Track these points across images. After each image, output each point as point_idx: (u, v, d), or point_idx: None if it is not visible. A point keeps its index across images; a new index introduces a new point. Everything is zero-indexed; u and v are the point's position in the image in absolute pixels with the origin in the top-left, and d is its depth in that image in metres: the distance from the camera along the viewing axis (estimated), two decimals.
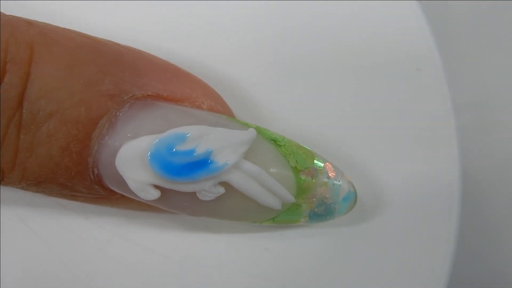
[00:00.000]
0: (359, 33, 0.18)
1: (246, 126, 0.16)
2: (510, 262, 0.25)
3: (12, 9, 0.18)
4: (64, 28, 0.15)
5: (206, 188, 0.15)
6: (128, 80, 0.15)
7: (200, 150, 0.14)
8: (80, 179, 0.15)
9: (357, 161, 0.17)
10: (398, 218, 0.17)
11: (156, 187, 0.15)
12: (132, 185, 0.15)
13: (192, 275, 0.17)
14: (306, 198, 0.16)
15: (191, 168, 0.14)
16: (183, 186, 0.15)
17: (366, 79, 0.18)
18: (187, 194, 0.15)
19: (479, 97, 0.26)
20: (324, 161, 0.16)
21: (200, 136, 0.14)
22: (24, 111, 0.14)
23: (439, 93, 0.18)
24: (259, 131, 0.16)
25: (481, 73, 0.26)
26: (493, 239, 0.26)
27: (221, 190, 0.15)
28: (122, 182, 0.15)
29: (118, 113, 0.15)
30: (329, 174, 0.16)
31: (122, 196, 0.15)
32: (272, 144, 0.16)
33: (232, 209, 0.16)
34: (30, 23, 0.15)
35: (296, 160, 0.16)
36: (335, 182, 0.16)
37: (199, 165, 0.14)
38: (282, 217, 0.16)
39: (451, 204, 0.17)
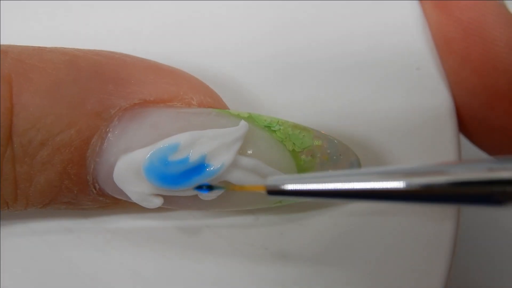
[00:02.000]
0: (359, 33, 0.18)
1: (237, 117, 0.15)
2: (510, 262, 0.25)
3: (12, 9, 0.18)
4: (40, 47, 0.15)
5: (206, 191, 0.15)
6: (112, 92, 0.15)
7: (194, 156, 0.14)
8: (83, 195, 0.15)
9: None
10: (398, 218, 0.17)
11: (158, 194, 0.15)
12: (133, 196, 0.15)
13: (192, 275, 0.17)
14: None
15: (187, 175, 0.14)
16: (183, 192, 0.15)
17: (366, 79, 0.18)
18: (190, 196, 0.15)
19: None
20: (321, 136, 0.16)
21: (192, 142, 0.14)
22: (15, 145, 0.14)
23: (439, 93, 0.18)
24: (252, 119, 0.15)
25: None
26: (493, 239, 0.26)
27: (221, 190, 0.15)
28: (124, 192, 0.15)
29: (108, 129, 0.15)
30: (327, 151, 0.16)
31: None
32: (266, 131, 0.16)
33: (236, 201, 0.16)
34: (4, 52, 0.14)
35: (293, 142, 0.16)
36: (336, 156, 0.16)
37: (195, 171, 0.14)
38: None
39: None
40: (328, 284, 0.17)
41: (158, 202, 0.15)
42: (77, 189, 0.15)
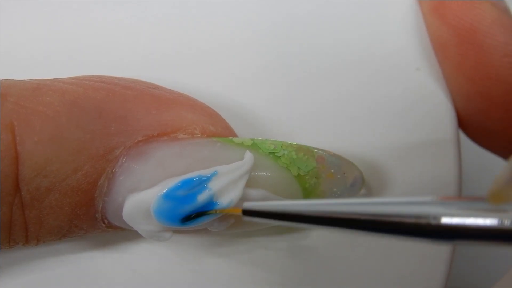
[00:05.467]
0: (359, 33, 0.18)
1: (242, 147, 0.15)
2: (509, 262, 0.25)
3: (12, 9, 0.18)
4: (39, 84, 0.15)
5: (215, 225, 0.15)
6: (116, 132, 0.15)
7: (202, 197, 0.14)
8: (93, 229, 0.15)
9: (357, 162, 0.17)
10: None
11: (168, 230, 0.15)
12: (144, 234, 0.15)
13: (192, 275, 0.17)
14: (316, 196, 0.16)
15: (197, 214, 0.14)
16: (193, 227, 0.15)
17: (366, 79, 0.18)
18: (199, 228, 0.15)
19: None
20: (324, 155, 0.16)
21: (200, 183, 0.14)
22: (22, 192, 0.14)
23: (439, 93, 0.18)
24: (256, 146, 0.15)
25: None
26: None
27: (231, 220, 0.15)
28: (133, 228, 0.15)
29: (114, 170, 0.15)
30: (331, 170, 0.16)
31: None
32: (270, 159, 0.15)
33: (247, 227, 0.16)
34: (4, 96, 0.14)
35: (298, 166, 0.16)
36: (339, 175, 0.16)
37: (204, 209, 0.14)
38: None
39: None
40: (328, 284, 0.17)
41: (168, 236, 0.15)
42: (86, 225, 0.15)
